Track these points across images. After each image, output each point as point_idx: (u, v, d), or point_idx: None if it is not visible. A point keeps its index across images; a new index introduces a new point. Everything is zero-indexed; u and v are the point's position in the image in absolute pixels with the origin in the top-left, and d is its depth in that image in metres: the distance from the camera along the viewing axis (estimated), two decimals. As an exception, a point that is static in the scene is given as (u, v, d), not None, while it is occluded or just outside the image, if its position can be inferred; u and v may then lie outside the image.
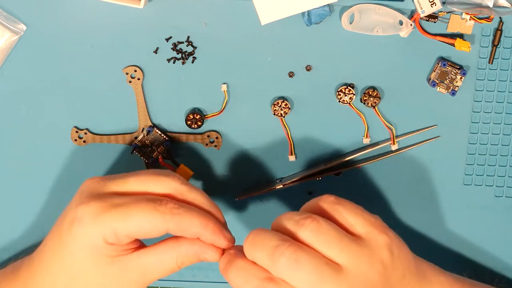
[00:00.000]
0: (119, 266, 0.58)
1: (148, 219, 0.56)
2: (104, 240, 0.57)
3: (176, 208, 0.57)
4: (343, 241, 0.54)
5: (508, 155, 0.73)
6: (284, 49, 0.70)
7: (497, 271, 0.75)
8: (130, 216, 0.56)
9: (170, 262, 0.59)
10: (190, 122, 0.71)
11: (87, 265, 0.58)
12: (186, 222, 0.57)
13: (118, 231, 0.56)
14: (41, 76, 0.70)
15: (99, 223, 0.56)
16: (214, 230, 0.58)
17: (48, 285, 0.60)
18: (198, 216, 0.58)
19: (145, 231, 0.57)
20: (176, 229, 0.57)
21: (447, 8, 0.68)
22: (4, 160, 0.72)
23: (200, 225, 0.57)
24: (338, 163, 0.72)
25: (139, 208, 0.57)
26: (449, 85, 0.70)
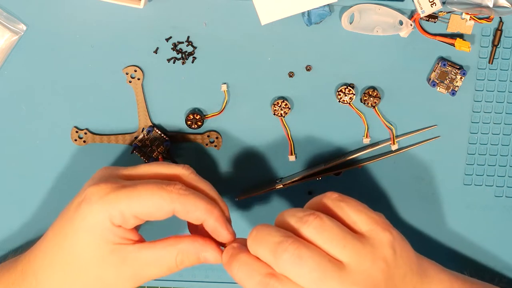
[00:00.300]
0: (119, 257, 0.58)
1: (155, 198, 0.57)
2: (110, 221, 0.57)
3: (184, 190, 0.58)
4: (346, 239, 0.54)
5: (508, 155, 0.73)
6: (284, 49, 0.70)
7: (497, 271, 0.75)
8: (137, 195, 0.57)
9: (169, 259, 0.59)
10: (190, 122, 0.71)
11: (89, 249, 0.58)
12: (192, 204, 0.58)
13: (125, 210, 0.57)
14: (41, 76, 0.70)
15: (106, 202, 0.57)
16: (218, 218, 0.59)
17: (43, 268, 0.60)
18: (205, 201, 0.58)
19: (152, 210, 0.57)
20: (182, 210, 0.57)
21: (447, 8, 0.68)
22: (4, 160, 0.72)
23: (205, 209, 0.58)
24: (338, 163, 0.72)
25: (146, 187, 0.57)
26: (449, 85, 0.70)
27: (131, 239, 0.59)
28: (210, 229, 0.59)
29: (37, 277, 0.60)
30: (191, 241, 0.59)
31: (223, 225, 0.59)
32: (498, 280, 0.73)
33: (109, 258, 0.58)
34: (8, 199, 0.72)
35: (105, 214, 0.57)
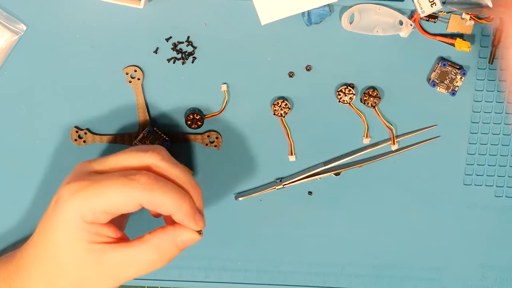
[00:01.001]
0: (95, 257, 0.57)
1: (119, 194, 0.56)
2: (82, 219, 0.57)
3: (149, 184, 0.57)
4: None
5: (508, 155, 0.73)
6: (284, 49, 0.70)
7: (497, 271, 0.75)
8: (102, 192, 0.57)
9: (146, 257, 0.58)
10: (190, 122, 0.71)
11: (66, 248, 0.58)
12: (158, 199, 0.57)
13: (94, 207, 0.56)
14: (41, 76, 0.70)
15: (76, 200, 0.57)
16: (187, 211, 0.58)
17: (33, 264, 0.60)
18: (172, 194, 0.58)
19: (118, 205, 0.57)
20: (149, 204, 0.57)
21: (447, 8, 0.68)
22: (4, 160, 0.72)
23: (172, 204, 0.57)
24: (338, 163, 0.72)
25: (110, 183, 0.57)
26: (449, 85, 0.70)
27: (108, 235, 0.58)
28: (179, 221, 0.59)
29: (29, 273, 0.60)
30: (163, 232, 0.59)
31: (191, 218, 0.58)
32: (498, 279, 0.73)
33: (86, 257, 0.58)
34: (8, 199, 0.72)
35: (76, 212, 0.57)
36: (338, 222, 0.74)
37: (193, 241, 0.60)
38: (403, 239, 0.74)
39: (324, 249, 0.74)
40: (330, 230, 0.74)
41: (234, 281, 0.75)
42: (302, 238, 0.74)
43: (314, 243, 0.74)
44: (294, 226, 0.74)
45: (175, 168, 0.60)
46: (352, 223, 0.74)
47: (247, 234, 0.74)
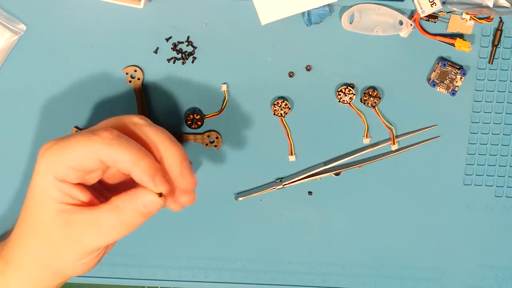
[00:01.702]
0: (64, 217, 0.57)
1: (81, 147, 0.56)
2: (53, 175, 0.57)
3: (109, 139, 0.56)
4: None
5: (508, 155, 0.73)
6: (284, 49, 0.70)
7: (497, 271, 0.75)
8: (69, 146, 0.57)
9: (108, 219, 0.57)
10: (190, 122, 0.71)
11: (39, 207, 0.58)
12: (116, 153, 0.56)
13: (63, 161, 0.56)
14: (41, 76, 0.70)
15: (48, 155, 0.57)
16: (144, 169, 0.56)
17: (15, 228, 0.61)
18: (131, 150, 0.56)
19: (80, 160, 0.56)
20: (108, 159, 0.56)
21: (447, 8, 0.68)
22: (4, 160, 0.72)
23: (129, 159, 0.56)
24: (338, 163, 0.72)
25: (75, 138, 0.57)
26: (449, 85, 0.70)
27: (78, 198, 0.58)
28: (138, 181, 0.57)
29: (11, 237, 0.61)
30: (125, 194, 0.57)
31: (150, 177, 0.56)
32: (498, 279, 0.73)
33: (55, 217, 0.57)
34: (8, 199, 0.72)
35: (48, 166, 0.57)
36: (338, 222, 0.74)
37: (154, 205, 0.57)
38: (403, 239, 0.74)
39: (324, 249, 0.74)
40: (330, 230, 0.74)
41: (234, 281, 0.75)
42: (302, 238, 0.74)
43: (314, 243, 0.74)
44: (294, 226, 0.74)
45: (157, 133, 0.58)
46: (352, 223, 0.74)
47: (247, 234, 0.74)
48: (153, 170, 0.56)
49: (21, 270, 0.59)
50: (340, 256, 0.75)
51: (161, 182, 0.57)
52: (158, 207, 0.57)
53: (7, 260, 0.60)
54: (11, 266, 0.60)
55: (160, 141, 0.58)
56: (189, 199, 0.60)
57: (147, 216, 0.58)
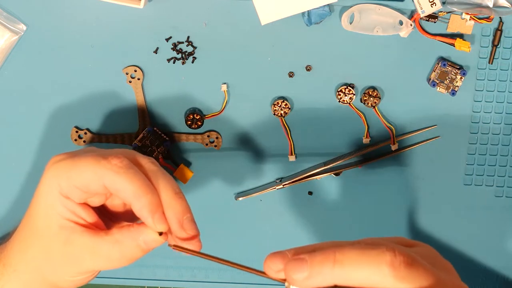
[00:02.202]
0: (64, 235, 0.57)
1: (90, 168, 0.56)
2: (59, 189, 0.56)
3: (119, 167, 0.56)
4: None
5: (508, 155, 0.73)
6: (284, 49, 0.70)
7: (497, 271, 0.75)
8: (78, 164, 0.56)
9: (106, 249, 0.56)
10: (190, 122, 0.71)
11: (42, 218, 0.57)
12: (120, 182, 0.55)
13: (69, 178, 0.56)
14: (41, 76, 0.70)
15: (56, 168, 0.57)
16: (145, 205, 0.55)
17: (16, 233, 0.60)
18: (136, 182, 0.55)
19: (85, 182, 0.56)
20: (111, 186, 0.56)
21: (447, 8, 0.68)
22: (4, 160, 0.72)
23: (132, 191, 0.55)
24: (338, 163, 0.72)
25: (85, 158, 0.56)
26: (449, 85, 0.70)
27: (82, 217, 0.57)
28: (138, 215, 0.56)
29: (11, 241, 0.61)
30: (127, 228, 0.57)
31: (149, 213, 0.55)
32: (498, 279, 0.73)
33: (57, 232, 0.57)
34: (8, 199, 0.72)
35: (54, 180, 0.57)
36: (338, 222, 0.74)
37: (155, 243, 0.57)
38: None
39: (324, 249, 0.74)
40: (330, 230, 0.74)
41: (234, 281, 0.75)
42: (302, 238, 0.74)
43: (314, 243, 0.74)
44: (294, 226, 0.74)
45: (163, 179, 0.58)
46: (352, 223, 0.74)
47: (247, 234, 0.74)
48: (154, 206, 0.56)
49: (16, 275, 0.59)
50: (340, 256, 0.74)
51: (160, 221, 0.56)
52: (159, 244, 0.57)
53: (5, 264, 0.60)
54: (7, 270, 0.60)
55: (164, 189, 0.57)
56: (193, 248, 0.58)
57: (147, 251, 0.58)
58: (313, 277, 0.45)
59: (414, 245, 0.49)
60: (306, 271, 0.45)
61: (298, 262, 0.46)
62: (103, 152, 0.58)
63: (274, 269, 0.48)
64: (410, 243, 0.49)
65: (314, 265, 0.45)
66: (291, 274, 0.46)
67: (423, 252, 0.48)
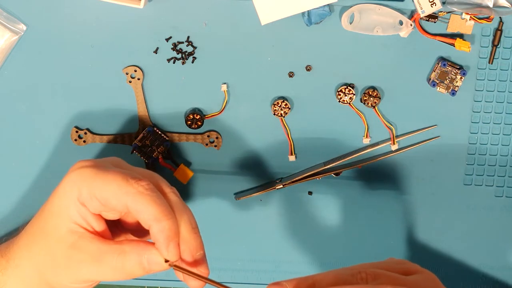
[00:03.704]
0: (72, 239, 0.57)
1: (114, 185, 0.56)
2: (77, 195, 0.56)
3: (145, 189, 0.56)
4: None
5: (508, 155, 0.73)
6: (284, 49, 0.70)
7: (497, 271, 0.75)
8: (104, 176, 0.56)
9: (110, 258, 0.57)
10: (190, 122, 0.71)
11: (54, 220, 0.57)
12: (143, 204, 0.55)
13: (92, 187, 0.56)
14: (41, 76, 0.70)
15: (80, 173, 0.57)
16: (163, 229, 0.55)
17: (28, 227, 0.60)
18: (160, 207, 0.56)
19: (107, 195, 0.56)
20: (133, 206, 0.56)
21: (447, 8, 0.68)
22: (4, 160, 0.72)
23: (153, 214, 0.55)
24: (338, 163, 0.72)
25: (114, 173, 0.56)
26: (449, 85, 0.70)
27: (92, 226, 0.58)
28: (153, 239, 0.56)
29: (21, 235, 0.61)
30: (136, 242, 0.57)
31: (165, 240, 0.55)
32: (498, 279, 0.73)
33: (65, 235, 0.57)
34: (8, 199, 0.72)
35: (74, 186, 0.57)
36: (337, 222, 0.74)
37: (157, 266, 0.57)
38: (403, 239, 0.74)
39: (324, 249, 0.74)
40: (329, 230, 0.74)
41: (234, 281, 0.75)
42: (302, 238, 0.74)
43: (314, 243, 0.74)
44: (294, 226, 0.74)
45: (183, 210, 0.58)
46: (352, 223, 0.74)
47: (247, 234, 0.74)
48: (172, 233, 0.56)
49: (18, 271, 0.59)
50: (340, 256, 0.75)
51: (174, 250, 0.56)
52: (161, 269, 0.57)
53: (9, 258, 0.60)
54: (10, 265, 0.60)
55: (183, 222, 0.57)
56: (198, 285, 0.58)
57: (147, 272, 0.57)
58: None
59: (416, 272, 0.51)
60: None
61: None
62: (131, 170, 0.58)
63: None
64: (412, 270, 0.51)
65: None
66: None
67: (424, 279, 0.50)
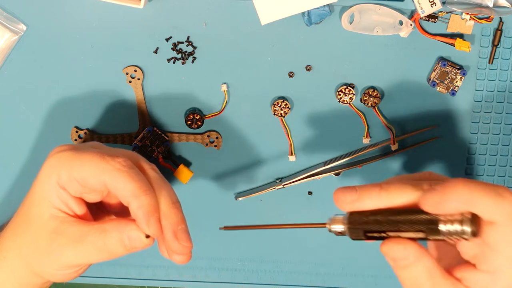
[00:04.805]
0: (54, 224, 0.57)
1: (91, 164, 0.56)
2: (57, 179, 0.56)
3: (122, 166, 0.56)
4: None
5: (508, 155, 0.73)
6: (284, 49, 0.70)
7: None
8: (81, 157, 0.56)
9: (93, 238, 0.56)
10: (190, 122, 0.71)
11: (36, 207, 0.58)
12: (121, 181, 0.55)
13: (70, 169, 0.56)
14: (41, 76, 0.70)
15: (58, 157, 0.57)
16: (143, 205, 0.55)
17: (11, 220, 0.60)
18: (138, 183, 0.56)
19: (85, 176, 0.56)
20: (111, 184, 0.56)
21: (447, 8, 0.68)
22: (4, 160, 0.72)
23: (131, 191, 0.55)
24: (338, 163, 0.72)
25: (91, 153, 0.57)
26: (449, 85, 0.70)
27: (73, 210, 0.58)
28: (133, 215, 0.56)
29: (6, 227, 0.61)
30: (116, 220, 0.57)
31: (145, 215, 0.55)
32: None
33: (47, 222, 0.57)
34: (8, 200, 0.72)
35: (53, 170, 0.57)
36: (338, 222, 0.74)
37: (139, 243, 0.57)
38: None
39: (324, 249, 0.74)
40: (330, 230, 0.74)
41: (234, 281, 0.75)
42: (302, 238, 0.74)
43: (314, 243, 0.74)
44: (294, 226, 0.74)
45: (163, 186, 0.58)
46: (352, 223, 0.74)
47: (247, 234, 0.74)
48: (151, 209, 0.56)
49: (5, 262, 0.59)
50: (340, 256, 0.75)
51: (154, 225, 0.56)
52: (142, 246, 0.57)
53: None
54: None
55: (163, 197, 0.57)
56: (182, 260, 0.58)
57: (129, 250, 0.57)
58: (361, 200, 0.54)
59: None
60: (356, 195, 0.54)
61: (349, 188, 0.55)
62: (108, 150, 0.58)
63: (343, 199, 0.55)
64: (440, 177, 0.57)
65: (363, 190, 0.54)
66: (341, 196, 0.55)
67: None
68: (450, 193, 0.51)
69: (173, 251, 0.58)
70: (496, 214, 0.50)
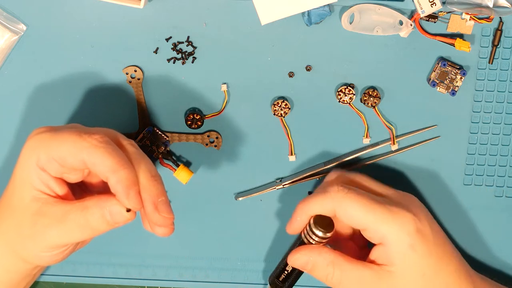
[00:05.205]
0: (36, 206, 0.57)
1: (68, 143, 0.56)
2: (36, 161, 0.57)
3: (99, 142, 0.56)
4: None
5: (508, 155, 0.73)
6: (284, 49, 0.70)
7: (497, 270, 0.75)
8: (59, 137, 0.57)
9: (75, 215, 0.57)
10: (190, 122, 0.71)
11: (17, 190, 0.58)
12: (99, 157, 0.56)
13: (48, 150, 0.56)
14: (41, 76, 0.70)
15: (37, 139, 0.57)
16: (121, 179, 0.56)
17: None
18: (115, 158, 0.56)
19: (64, 154, 0.56)
20: (89, 160, 0.56)
21: (447, 8, 0.68)
22: (4, 160, 0.72)
23: (109, 166, 0.56)
24: (338, 163, 0.72)
25: (67, 132, 0.57)
26: (449, 85, 0.70)
27: (54, 191, 0.58)
28: (113, 191, 0.56)
29: None
30: (97, 196, 0.57)
31: (124, 189, 0.55)
32: (497, 279, 0.73)
33: (29, 204, 0.57)
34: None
35: (32, 152, 0.57)
36: (338, 222, 0.74)
37: (120, 217, 0.57)
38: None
39: (324, 249, 0.74)
40: (330, 230, 0.74)
41: (234, 281, 0.75)
42: (302, 238, 0.74)
43: (314, 243, 0.74)
44: (294, 226, 0.74)
45: (143, 161, 0.58)
46: (352, 223, 0.74)
47: (247, 234, 0.74)
48: (130, 182, 0.56)
49: None
50: (340, 256, 0.74)
51: (134, 198, 0.56)
52: (124, 220, 0.57)
53: None
54: None
55: (142, 171, 0.58)
56: (165, 232, 0.59)
57: (112, 225, 0.57)
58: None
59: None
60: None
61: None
62: (85, 129, 0.58)
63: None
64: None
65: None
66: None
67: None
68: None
69: (155, 223, 0.58)
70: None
